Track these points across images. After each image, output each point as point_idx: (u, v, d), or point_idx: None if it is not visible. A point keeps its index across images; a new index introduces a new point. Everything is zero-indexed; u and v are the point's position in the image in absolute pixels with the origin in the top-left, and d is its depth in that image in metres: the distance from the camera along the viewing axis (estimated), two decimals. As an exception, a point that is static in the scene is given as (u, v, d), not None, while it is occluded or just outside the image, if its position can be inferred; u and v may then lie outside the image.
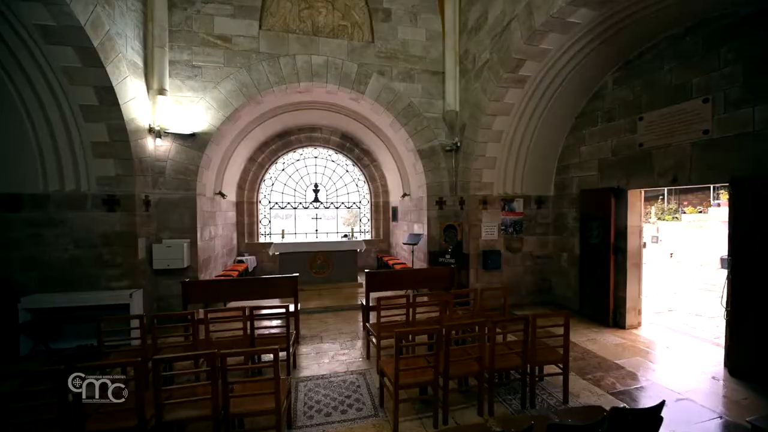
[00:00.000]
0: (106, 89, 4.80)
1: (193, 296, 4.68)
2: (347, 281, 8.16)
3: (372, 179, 10.47)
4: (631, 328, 5.52)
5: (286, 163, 10.16)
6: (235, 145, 7.76)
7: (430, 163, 7.05)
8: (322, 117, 8.85)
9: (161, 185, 5.97)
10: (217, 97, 6.15)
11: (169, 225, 6.03)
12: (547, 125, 6.45)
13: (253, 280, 5.04)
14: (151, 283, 5.79)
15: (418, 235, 7.36)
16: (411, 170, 7.82)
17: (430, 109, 7.03)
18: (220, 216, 7.75)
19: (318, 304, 6.82)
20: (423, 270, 5.90)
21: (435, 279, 5.43)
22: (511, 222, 6.76)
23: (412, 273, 5.48)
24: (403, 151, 7.77)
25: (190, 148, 6.08)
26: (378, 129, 8.19)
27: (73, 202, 5.17)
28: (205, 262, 6.61)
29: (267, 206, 10.14)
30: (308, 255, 8.01)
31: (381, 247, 10.49)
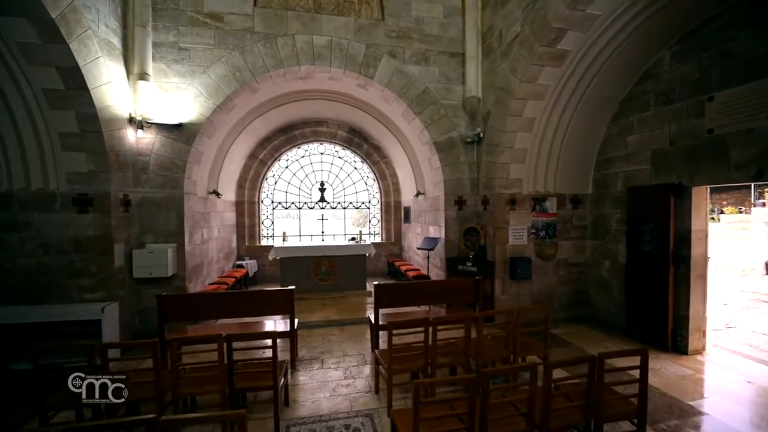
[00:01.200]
0: (70, 70, 4.12)
1: (170, 313, 3.96)
2: (355, 289, 7.37)
3: (382, 177, 9.66)
4: (694, 354, 4.56)
5: (289, 159, 9.45)
6: (231, 140, 7.06)
7: (448, 158, 6.19)
8: (328, 108, 8.08)
9: (144, 183, 5.28)
10: (207, 83, 5.44)
11: (154, 228, 5.34)
12: (586, 112, 5.52)
13: (243, 293, 4.29)
14: (131, 295, 5.11)
15: (434, 239, 6.51)
16: (426, 166, 6.97)
17: (448, 95, 6.17)
18: (215, 217, 7.06)
19: (322, 316, 6.05)
20: (442, 282, 5.05)
21: (456, 292, 4.59)
22: (543, 224, 5.85)
23: (429, 285, 4.63)
24: (416, 144, 6.93)
25: (177, 140, 5.38)
26: (389, 121, 7.37)
27: (40, 202, 4.53)
28: (195, 269, 5.91)
29: (269, 206, 9.44)
30: (312, 260, 7.25)
31: (392, 251, 9.67)
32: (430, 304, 4.61)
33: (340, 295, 7.23)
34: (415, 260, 8.23)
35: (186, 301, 4.03)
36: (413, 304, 4.50)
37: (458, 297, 4.63)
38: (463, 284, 4.62)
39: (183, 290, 5.43)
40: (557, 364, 2.37)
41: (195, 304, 4.03)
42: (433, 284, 4.69)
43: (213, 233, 6.93)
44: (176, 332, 4.15)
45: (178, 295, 4.10)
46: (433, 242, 6.40)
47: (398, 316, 4.62)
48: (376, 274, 9.18)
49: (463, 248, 6.09)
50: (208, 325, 4.41)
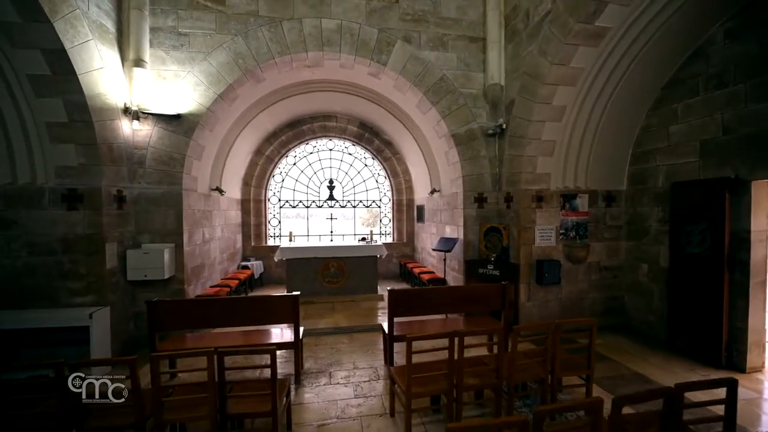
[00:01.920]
0: (56, 53, 3.76)
1: (162, 321, 3.56)
2: (365, 293, 6.92)
3: (394, 174, 9.20)
4: (753, 372, 3.99)
5: (297, 156, 9.05)
6: (235, 134, 6.68)
7: (468, 151, 5.69)
8: (337, 101, 7.65)
9: (140, 178, 4.92)
10: (208, 71, 5.05)
11: (151, 226, 4.97)
12: (623, 99, 4.98)
13: (242, 300, 3.86)
14: (126, 298, 4.74)
15: (451, 239, 6.02)
16: (442, 161, 6.48)
17: (468, 83, 5.67)
18: (218, 216, 6.69)
19: (330, 322, 5.61)
20: (463, 288, 4.53)
21: (480, 299, 4.09)
22: (573, 224, 5.31)
23: (449, 292, 4.15)
24: (432, 137, 6.45)
25: (175, 132, 5.01)
26: (402, 113, 6.90)
27: (27, 198, 4.19)
28: (195, 271, 5.54)
29: (276, 205, 9.06)
30: (320, 261, 6.83)
31: (404, 252, 9.20)
32: (451, 312, 4.12)
33: (349, 299, 6.79)
34: (429, 262, 7.74)
35: (179, 308, 3.63)
36: (432, 313, 4.02)
37: (482, 304, 4.13)
38: (487, 290, 4.11)
39: (181, 293, 5.05)
40: (626, 399, 1.87)
41: (189, 311, 3.62)
42: (453, 290, 4.20)
43: (215, 233, 6.56)
44: (172, 341, 3.76)
45: (170, 301, 3.70)
46: (450, 243, 5.91)
47: (412, 325, 4.16)
48: (388, 277, 8.72)
49: (483, 250, 5.58)
50: (206, 334, 4.00)
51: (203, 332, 4.25)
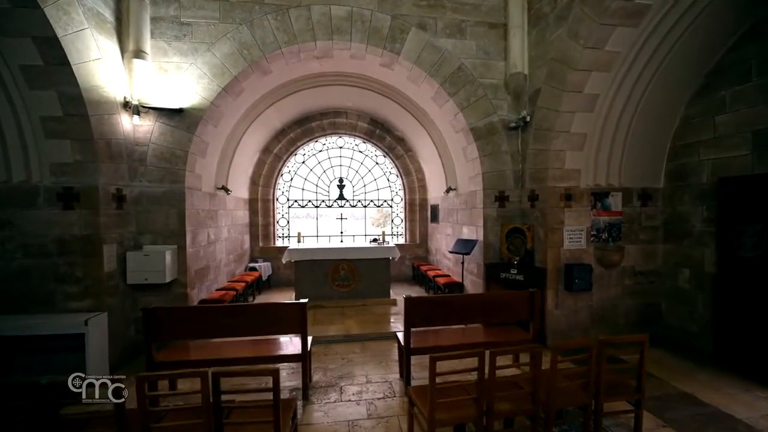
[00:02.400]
0: (48, 41, 3.51)
1: (159, 330, 3.27)
2: (377, 297, 6.57)
3: (406, 172, 8.82)
4: (821, 394, 3.49)
5: (306, 154, 8.76)
6: (241, 131, 6.41)
7: (488, 146, 5.29)
8: (347, 96, 7.32)
9: (141, 176, 4.67)
10: (211, 62, 4.77)
11: (152, 227, 4.71)
12: (662, 87, 4.52)
13: (245, 308, 3.55)
14: (126, 303, 4.49)
15: (469, 241, 5.61)
16: (459, 157, 6.08)
17: (488, 73, 5.27)
18: (224, 216, 6.42)
19: (340, 329, 5.27)
20: (488, 296, 4.13)
21: (506, 308, 3.69)
22: (606, 225, 4.85)
23: (472, 300, 3.75)
24: (448, 132, 6.06)
25: (177, 128, 4.74)
26: (416, 107, 6.53)
27: (22, 197, 3.96)
28: (200, 273, 5.27)
29: (285, 204, 8.79)
30: (329, 263, 6.50)
31: (417, 254, 8.81)
32: (475, 321, 3.73)
33: (360, 304, 6.44)
34: (445, 265, 7.35)
35: (177, 316, 3.33)
36: (454, 323, 3.64)
37: (508, 314, 3.73)
38: (514, 298, 3.71)
39: (184, 298, 4.78)
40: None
41: (187, 320, 3.32)
42: (477, 298, 3.80)
43: (221, 233, 6.30)
44: (171, 351, 3.47)
45: (167, 309, 3.41)
46: (468, 245, 5.51)
47: (428, 335, 3.78)
48: (400, 279, 8.36)
49: (505, 253, 5.17)
50: (209, 343, 3.69)
51: (207, 342, 3.95)
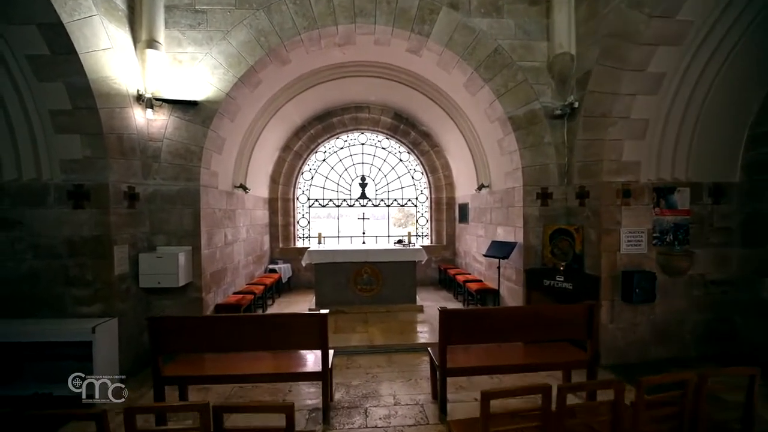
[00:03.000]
0: (53, 28, 3.27)
1: (165, 342, 2.95)
2: (402, 302, 6.11)
3: (432, 169, 8.31)
4: None
5: (327, 152, 8.41)
6: (260, 126, 6.11)
7: (528, 137, 4.71)
8: (370, 88, 6.90)
9: (155, 173, 4.42)
10: (227, 52, 4.46)
11: (166, 227, 4.46)
12: (740, 65, 3.83)
13: (258, 319, 3.17)
14: (139, 307, 4.25)
15: (506, 243, 5.05)
16: (493, 151, 5.53)
17: (528, 55, 4.69)
18: (242, 215, 6.15)
19: (363, 338, 4.84)
20: (535, 309, 3.53)
21: (559, 324, 3.13)
22: (670, 226, 4.19)
23: (518, 314, 3.21)
24: (482, 123, 5.51)
25: (192, 122, 4.46)
26: (445, 98, 6.02)
27: (32, 196, 3.77)
28: (216, 276, 4.98)
29: (305, 204, 8.48)
30: (352, 266, 6.10)
31: (443, 256, 8.28)
32: (521, 339, 3.20)
33: (384, 310, 6.00)
34: (475, 268, 6.79)
35: (184, 327, 2.99)
36: (497, 340, 3.12)
37: (560, 330, 3.17)
38: (568, 313, 3.15)
39: (198, 302, 4.50)
40: None
41: (195, 331, 2.98)
42: (524, 312, 3.25)
43: (240, 234, 6.02)
44: (181, 364, 3.15)
45: (173, 319, 3.09)
46: (505, 248, 4.95)
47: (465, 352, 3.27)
48: (425, 283, 7.85)
49: (548, 257, 4.58)
50: (222, 357, 3.34)
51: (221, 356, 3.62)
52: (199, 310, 4.50)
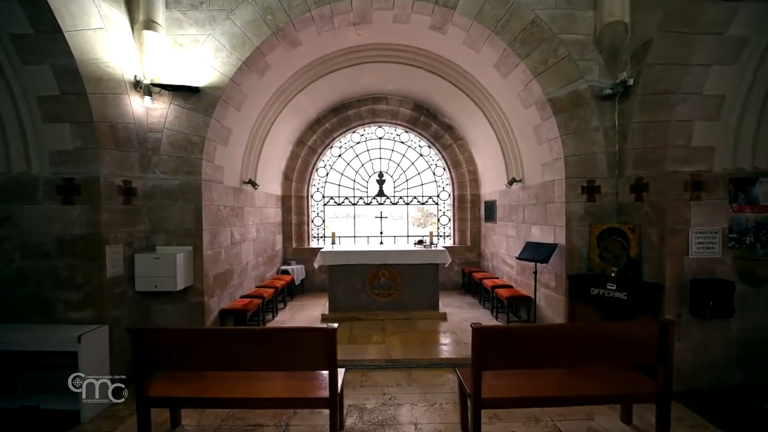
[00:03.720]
0: (35, 3, 2.94)
1: (150, 359, 2.54)
2: (423, 309, 5.56)
3: (455, 164, 7.70)
4: None
5: (343, 147, 7.96)
6: (271, 118, 5.71)
7: (572, 122, 4.07)
8: (388, 76, 6.39)
9: (155, 167, 4.07)
10: (231, 32, 4.05)
11: (166, 225, 4.10)
12: None
13: (256, 333, 2.68)
14: (136, 313, 3.90)
15: (544, 245, 4.41)
16: (528, 140, 4.89)
17: (571, 26, 4.05)
18: (251, 213, 5.76)
19: (380, 350, 4.33)
20: (593, 327, 2.83)
21: (623, 346, 2.51)
22: (752, 225, 3.46)
23: (573, 333, 2.58)
24: (514, 108, 4.90)
25: (193, 110, 4.08)
26: (471, 82, 5.43)
27: (21, 191, 3.47)
28: (221, 279, 4.60)
29: (320, 202, 8.06)
30: (368, 269, 5.61)
31: (468, 258, 7.65)
32: (575, 363, 2.60)
33: (403, 317, 5.47)
34: (505, 272, 6.14)
35: (172, 341, 2.57)
36: (542, 365, 2.53)
37: (626, 352, 2.54)
38: (635, 332, 2.53)
39: (200, 307, 4.12)
40: None
41: (183, 347, 2.55)
42: (579, 331, 2.60)
43: (249, 233, 5.63)
44: (168, 381, 2.73)
45: (159, 331, 2.68)
46: (543, 250, 4.31)
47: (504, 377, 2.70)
48: (447, 287, 7.25)
49: (596, 261, 3.92)
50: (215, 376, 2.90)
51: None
52: (200, 317, 4.11)
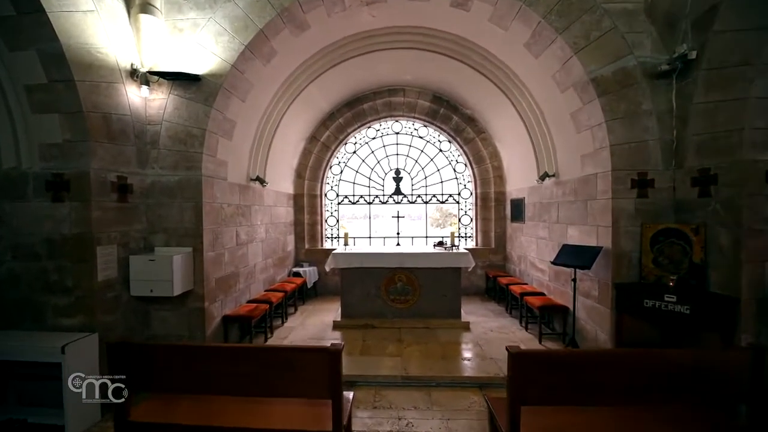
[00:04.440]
0: (13, -23, 2.68)
1: (130, 378, 2.19)
2: (444, 317, 5.08)
3: (477, 160, 7.16)
4: None
5: (358, 143, 7.57)
6: (280, 110, 5.37)
7: (619, 105, 3.50)
8: (405, 65, 5.94)
9: (154, 162, 3.79)
10: (232, 15, 3.72)
11: (165, 224, 3.82)
12: None
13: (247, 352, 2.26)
14: (132, 319, 3.62)
15: (586, 249, 3.84)
16: (564, 127, 4.33)
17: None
18: (260, 212, 5.44)
19: (396, 365, 3.88)
20: (664, 354, 2.26)
21: (698, 379, 1.96)
22: None
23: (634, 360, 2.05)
24: (548, 92, 4.35)
25: (193, 100, 3.78)
26: (497, 66, 4.91)
27: (12, 187, 3.24)
28: (224, 283, 4.28)
29: (334, 201, 7.70)
30: (383, 272, 5.18)
31: (491, 261, 7.09)
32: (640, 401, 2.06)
33: (422, 326, 5.00)
34: (534, 278, 5.57)
35: (155, 358, 2.21)
36: (601, 400, 2.02)
37: (696, 385, 1.99)
38: (719, 361, 1.97)
39: (200, 313, 3.81)
40: None
41: (166, 364, 2.19)
42: (645, 358, 2.06)
43: (257, 233, 5.32)
44: (154, 404, 2.40)
45: (138, 347, 2.32)
46: (584, 254, 3.75)
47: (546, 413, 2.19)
48: (469, 292, 6.73)
49: (650, 268, 3.34)
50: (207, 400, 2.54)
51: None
52: (201, 323, 3.80)
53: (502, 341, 4.49)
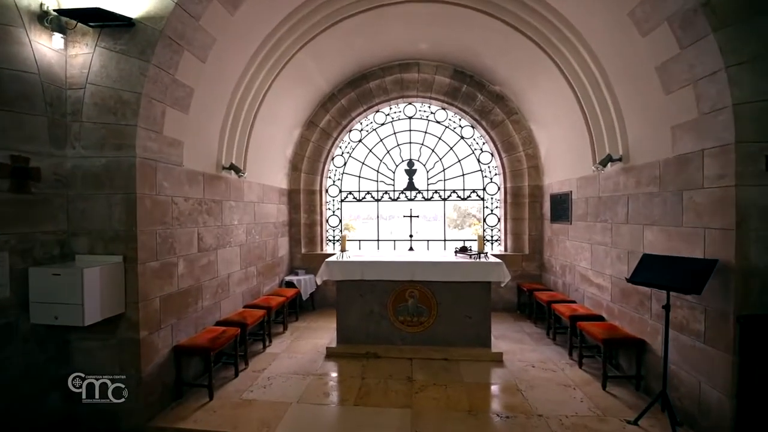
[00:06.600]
0: None
1: None
2: (468, 345, 3.92)
3: (507, 148, 5.94)
4: None
5: (364, 129, 6.48)
6: (264, 83, 4.33)
7: (746, 42, 2.26)
8: (421, 29, 4.81)
9: (75, 139, 2.80)
10: (177, -66, 2.69)
11: (88, 224, 2.82)
12: None
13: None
14: (37, 354, 2.63)
15: (688, 263, 2.58)
16: (640, 89, 3.10)
17: None
18: (238, 210, 4.41)
19: (404, 418, 2.75)
20: None
21: None
22: None
23: None
24: (617, 42, 3.13)
25: (125, 54, 2.76)
26: (540, 17, 3.72)
27: None
28: (175, 302, 3.25)
29: (337, 197, 6.63)
30: (390, 286, 4.07)
31: (525, 270, 5.85)
32: None
33: (440, 356, 3.86)
34: (587, 294, 4.31)
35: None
36: None
37: None
38: None
39: (135, 346, 2.78)
40: None
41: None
42: None
43: (231, 236, 4.28)
44: None
45: None
46: (682, 270, 2.50)
47: None
48: (496, 307, 5.48)
49: (809, 295, 2.08)
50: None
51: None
52: (135, 359, 2.78)
53: (550, 384, 3.30)
